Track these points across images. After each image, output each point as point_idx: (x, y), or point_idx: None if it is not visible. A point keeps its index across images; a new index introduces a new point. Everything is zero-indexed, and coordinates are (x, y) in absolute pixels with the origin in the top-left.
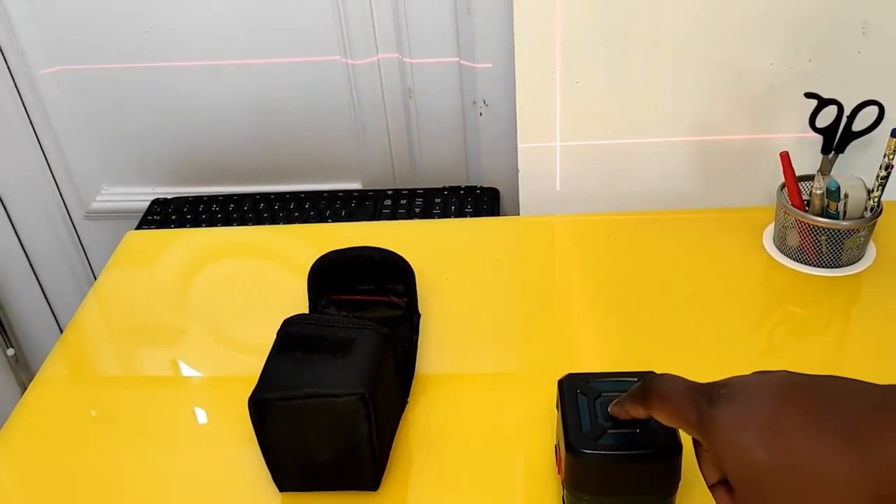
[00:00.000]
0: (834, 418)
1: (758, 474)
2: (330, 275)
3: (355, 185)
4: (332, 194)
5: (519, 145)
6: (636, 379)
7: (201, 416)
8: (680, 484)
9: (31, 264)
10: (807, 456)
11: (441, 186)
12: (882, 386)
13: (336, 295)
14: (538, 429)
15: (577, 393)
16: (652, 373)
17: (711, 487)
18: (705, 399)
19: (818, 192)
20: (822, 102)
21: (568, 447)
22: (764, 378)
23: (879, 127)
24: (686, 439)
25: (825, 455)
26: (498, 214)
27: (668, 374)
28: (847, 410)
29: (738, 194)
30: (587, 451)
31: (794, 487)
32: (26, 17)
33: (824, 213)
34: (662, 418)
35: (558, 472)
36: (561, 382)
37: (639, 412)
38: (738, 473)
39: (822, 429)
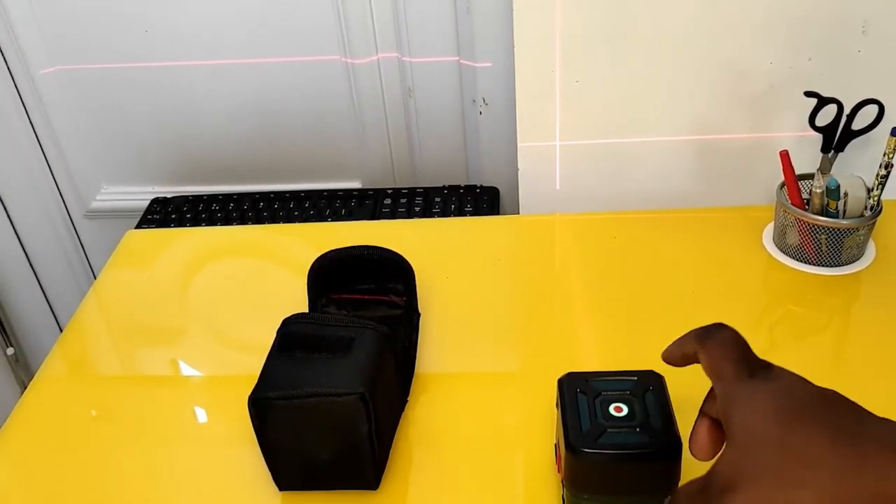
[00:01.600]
0: (849, 430)
1: (759, 442)
2: (330, 274)
3: (355, 185)
4: (332, 193)
5: (519, 144)
6: (636, 378)
7: (201, 415)
8: (680, 483)
9: (30, 263)
10: (810, 443)
11: (441, 185)
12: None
13: (336, 294)
14: (538, 428)
15: (577, 392)
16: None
17: (701, 415)
18: (746, 370)
19: (818, 190)
20: (822, 101)
21: (568, 446)
22: (802, 381)
23: (879, 126)
24: (686, 438)
25: (824, 448)
26: (498, 213)
27: (733, 330)
28: (861, 429)
29: (737, 193)
30: (587, 451)
31: (784, 462)
32: (26, 17)
33: (824, 211)
34: (704, 363)
35: (558, 471)
36: (561, 381)
37: (690, 349)
38: (742, 433)
39: (837, 432)
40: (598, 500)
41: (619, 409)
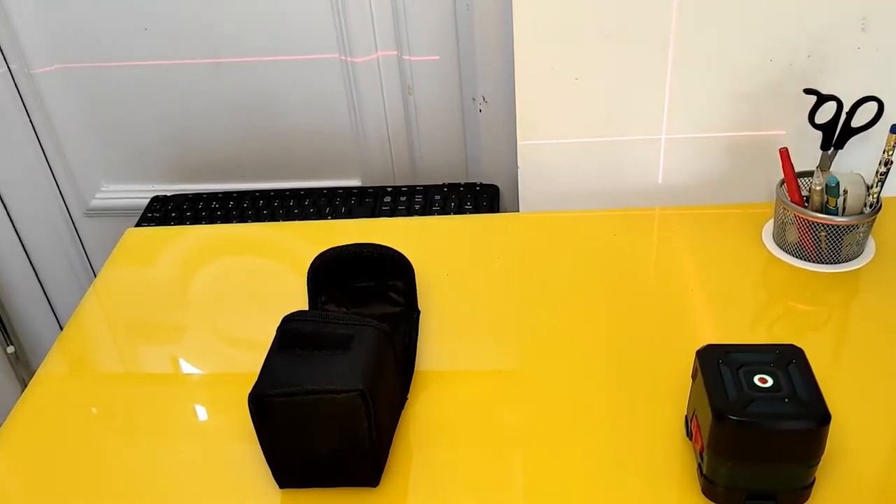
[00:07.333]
0: None
1: None
2: (330, 272)
3: (355, 183)
4: (332, 191)
5: (518, 142)
6: (777, 351)
7: (201, 412)
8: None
9: (31, 262)
10: None
11: (441, 183)
12: None
13: (336, 292)
14: (537, 426)
15: (719, 363)
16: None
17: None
18: None
19: (817, 188)
20: (822, 98)
21: (716, 413)
22: None
23: (878, 123)
24: (835, 409)
25: None
26: (497, 211)
27: None
28: None
29: (737, 190)
30: (736, 418)
31: None
32: (26, 15)
33: (823, 209)
34: None
35: (692, 440)
36: (700, 352)
37: None
38: None
39: None
40: (740, 468)
41: (763, 381)
